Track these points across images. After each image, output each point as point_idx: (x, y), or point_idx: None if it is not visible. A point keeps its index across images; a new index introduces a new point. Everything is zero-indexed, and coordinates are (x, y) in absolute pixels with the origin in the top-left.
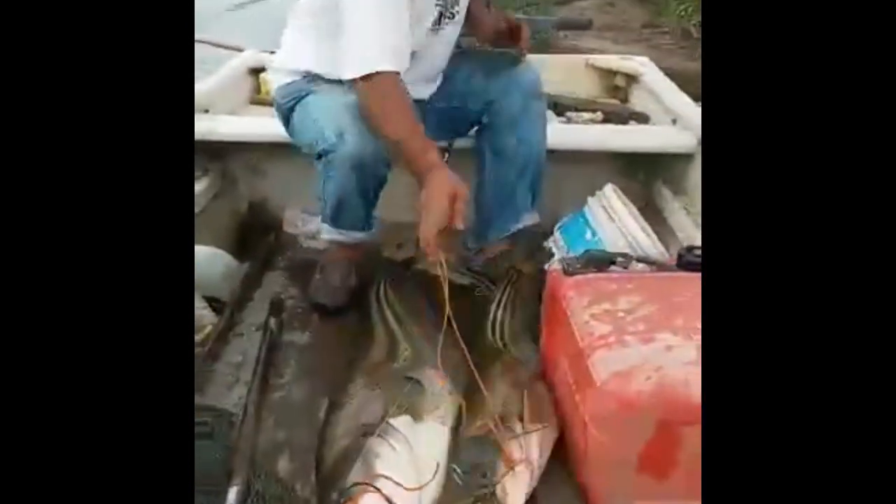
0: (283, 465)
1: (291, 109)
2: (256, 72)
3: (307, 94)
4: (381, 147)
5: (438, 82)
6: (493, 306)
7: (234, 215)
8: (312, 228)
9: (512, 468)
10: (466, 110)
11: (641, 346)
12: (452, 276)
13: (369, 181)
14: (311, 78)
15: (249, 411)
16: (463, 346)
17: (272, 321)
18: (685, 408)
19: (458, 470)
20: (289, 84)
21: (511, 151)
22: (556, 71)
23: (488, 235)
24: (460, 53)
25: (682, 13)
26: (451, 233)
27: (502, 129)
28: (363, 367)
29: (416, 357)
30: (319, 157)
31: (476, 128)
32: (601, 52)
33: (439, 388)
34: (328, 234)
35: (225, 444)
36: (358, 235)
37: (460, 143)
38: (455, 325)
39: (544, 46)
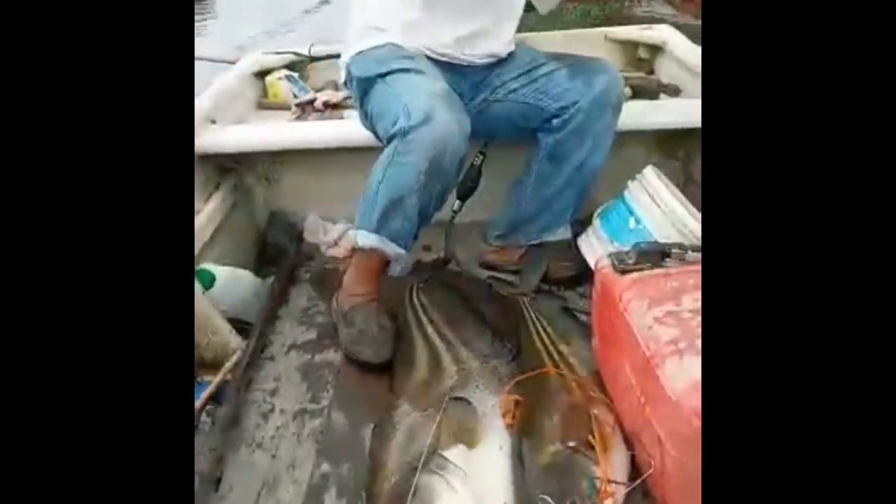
0: (330, 502)
1: (372, 82)
2: (262, 75)
3: (391, 71)
4: (467, 134)
5: (505, 51)
6: (530, 308)
7: (252, 229)
8: (334, 235)
9: (612, 493)
10: (539, 108)
11: None
12: (472, 272)
13: (445, 173)
14: (397, 50)
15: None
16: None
17: None
18: None
19: (549, 500)
20: (370, 51)
21: (569, 162)
22: (573, 47)
23: (515, 237)
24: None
25: None
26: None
27: (570, 135)
28: (407, 387)
29: (462, 374)
30: (392, 139)
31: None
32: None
33: (492, 407)
34: (364, 240)
35: None
36: (399, 250)
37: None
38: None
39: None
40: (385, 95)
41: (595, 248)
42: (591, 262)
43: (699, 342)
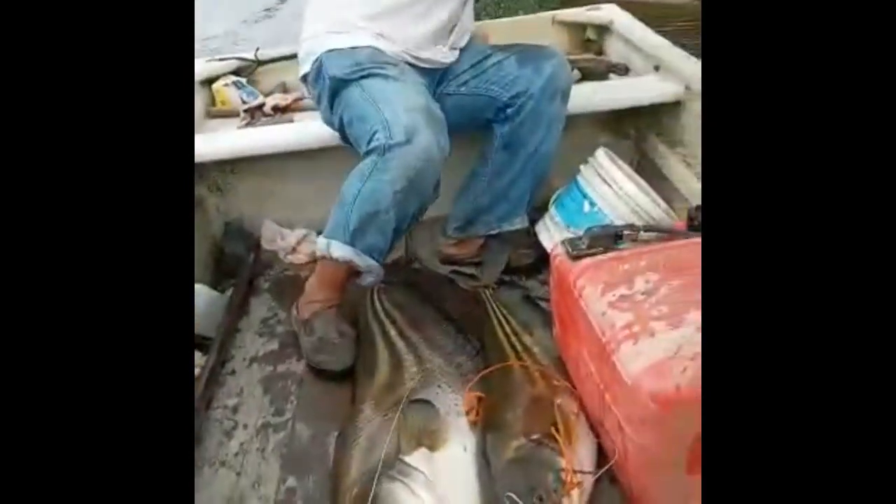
0: None
1: (347, 83)
2: (209, 82)
3: (370, 75)
4: (446, 153)
5: (457, 52)
6: (492, 300)
7: (206, 241)
8: (292, 241)
9: (578, 483)
10: (491, 98)
11: (671, 331)
12: (434, 268)
13: (422, 193)
14: (377, 54)
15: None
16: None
17: None
18: None
19: (515, 497)
20: (349, 50)
21: (524, 150)
22: (523, 32)
23: (474, 229)
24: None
25: None
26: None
27: (523, 123)
28: (369, 393)
29: (424, 374)
30: (370, 152)
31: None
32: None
33: (455, 406)
34: (339, 251)
35: None
36: (372, 264)
37: None
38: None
39: None
40: (361, 101)
41: (552, 234)
42: (549, 249)
43: (653, 324)
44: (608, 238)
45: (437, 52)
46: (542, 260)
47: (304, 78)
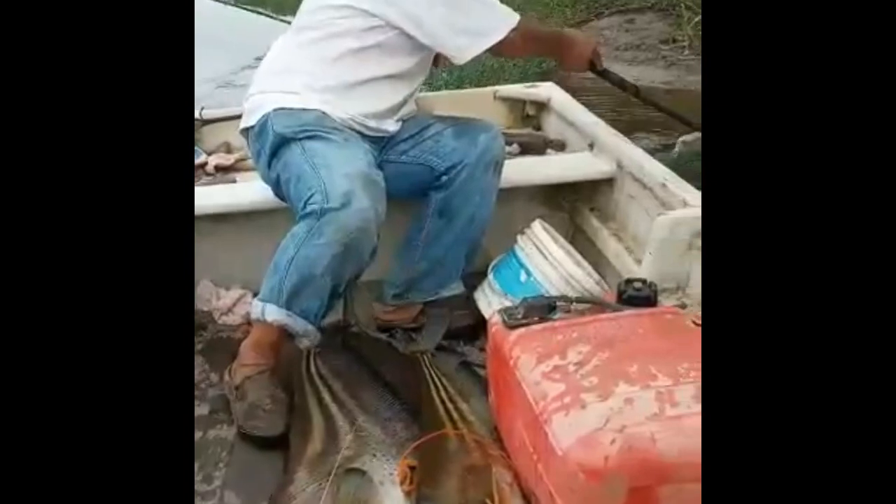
0: None
1: (288, 142)
2: None
3: (314, 136)
4: (382, 219)
5: (401, 122)
6: (430, 366)
7: None
8: (228, 302)
9: None
10: (429, 168)
11: (600, 403)
12: (371, 334)
13: (358, 258)
14: (324, 118)
15: None
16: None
17: None
18: (657, 469)
19: None
20: (297, 111)
21: (459, 218)
22: (464, 105)
23: (412, 295)
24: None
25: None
26: None
27: (457, 192)
28: (302, 460)
29: (359, 442)
30: (306, 216)
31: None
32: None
33: (389, 475)
34: (273, 315)
35: None
36: (308, 327)
37: None
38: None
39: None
40: (301, 161)
41: (490, 300)
42: (487, 315)
43: (584, 395)
44: (543, 308)
45: (384, 123)
46: (480, 325)
47: (246, 131)
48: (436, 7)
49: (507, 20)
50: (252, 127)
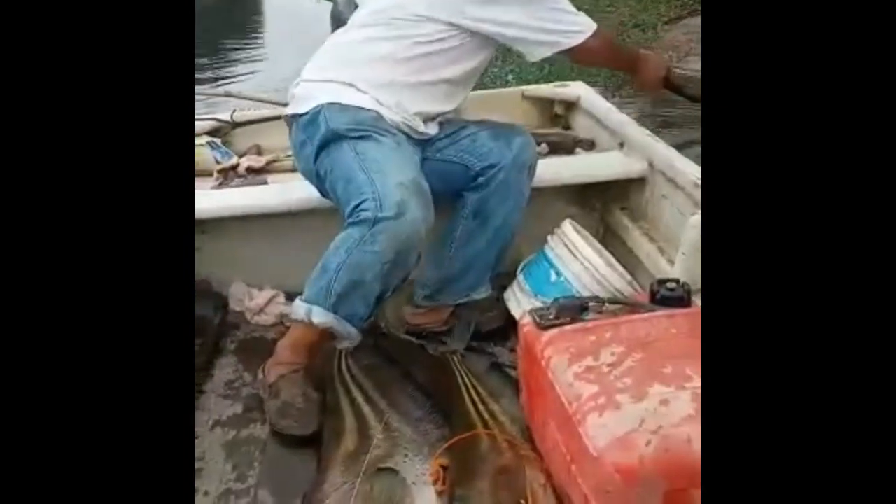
0: None
1: (340, 139)
2: None
3: (367, 137)
4: (430, 228)
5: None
6: (460, 367)
7: None
8: (261, 302)
9: None
10: (465, 167)
11: (635, 404)
12: (401, 335)
13: (406, 266)
14: (379, 120)
15: None
16: None
17: None
18: (692, 471)
19: None
20: (353, 108)
21: (493, 219)
22: (493, 105)
23: (442, 297)
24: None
25: None
26: None
27: (493, 194)
28: (335, 459)
29: (391, 442)
30: (358, 222)
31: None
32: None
33: (421, 475)
34: (320, 318)
35: None
36: (352, 331)
37: None
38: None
39: None
40: (351, 161)
41: (520, 301)
42: (517, 316)
43: (618, 396)
44: (575, 309)
45: (430, 127)
46: (510, 325)
47: (292, 118)
48: (527, 6)
49: (586, 26)
50: (302, 115)
